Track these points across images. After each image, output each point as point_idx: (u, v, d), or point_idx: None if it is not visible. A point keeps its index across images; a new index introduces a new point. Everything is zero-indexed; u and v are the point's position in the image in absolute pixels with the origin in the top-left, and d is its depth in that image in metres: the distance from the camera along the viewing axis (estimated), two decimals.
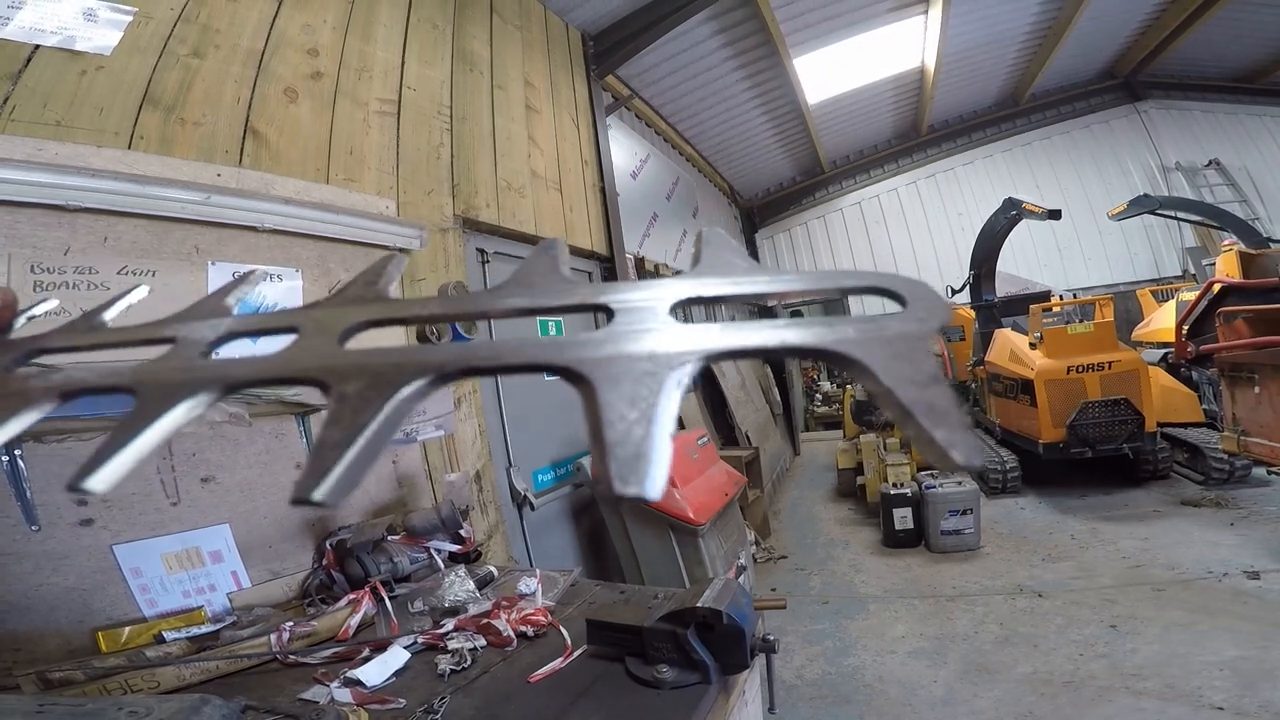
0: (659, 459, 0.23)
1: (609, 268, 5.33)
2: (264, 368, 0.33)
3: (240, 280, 0.44)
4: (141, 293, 0.49)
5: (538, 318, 0.35)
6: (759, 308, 8.36)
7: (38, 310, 0.48)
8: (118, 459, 0.28)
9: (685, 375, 0.27)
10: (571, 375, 0.27)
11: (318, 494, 0.25)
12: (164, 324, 0.38)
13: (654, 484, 0.23)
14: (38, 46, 1.91)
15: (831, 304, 10.43)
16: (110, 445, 0.29)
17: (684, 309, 0.32)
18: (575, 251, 4.93)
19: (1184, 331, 4.99)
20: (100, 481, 0.28)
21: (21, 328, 0.44)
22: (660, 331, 0.28)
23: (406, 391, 0.28)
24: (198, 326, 0.37)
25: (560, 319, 3.88)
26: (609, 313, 0.31)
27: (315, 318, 0.35)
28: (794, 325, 0.28)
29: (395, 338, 2.74)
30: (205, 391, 0.31)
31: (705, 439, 4.22)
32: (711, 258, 0.34)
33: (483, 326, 3.04)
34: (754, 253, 13.87)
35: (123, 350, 0.40)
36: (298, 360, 0.32)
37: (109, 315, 0.44)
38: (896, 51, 9.04)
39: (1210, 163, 11.12)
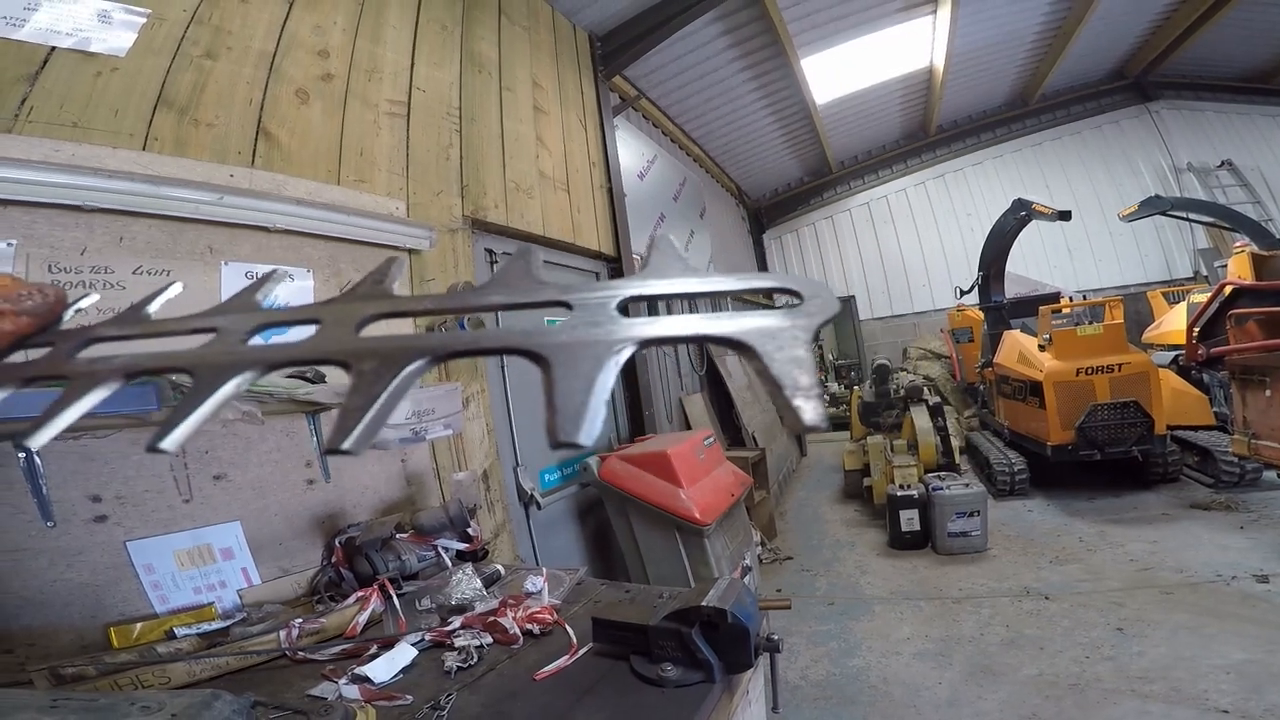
0: (593, 417, 0.30)
1: (616, 268, 5.34)
2: (298, 351, 0.40)
3: (265, 279, 0.51)
4: (177, 289, 0.56)
5: (543, 314, 0.43)
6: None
7: (84, 304, 0.54)
8: (185, 424, 0.36)
9: (622, 356, 0.34)
10: (534, 356, 0.34)
11: (346, 444, 0.32)
12: (205, 316, 0.45)
13: (588, 435, 0.30)
14: (54, 48, 1.93)
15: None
16: (179, 413, 0.36)
17: (631, 305, 0.38)
18: (582, 252, 4.94)
19: (1195, 334, 4.96)
20: (172, 443, 0.35)
21: (69, 320, 0.51)
22: (607, 324, 0.35)
23: (409, 369, 0.36)
24: (234, 318, 0.44)
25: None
26: (569, 308, 0.38)
27: (334, 311, 0.43)
28: (710, 318, 0.34)
29: (405, 328, 2.76)
30: (250, 370, 0.39)
31: (712, 439, 4.22)
32: (658, 262, 0.40)
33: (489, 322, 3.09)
34: (761, 253, 13.86)
35: (168, 339, 0.46)
36: (323, 346, 0.40)
37: (152, 309, 0.51)
38: (905, 51, 9.03)
39: (1223, 163, 11.03)
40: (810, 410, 0.30)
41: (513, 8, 4.46)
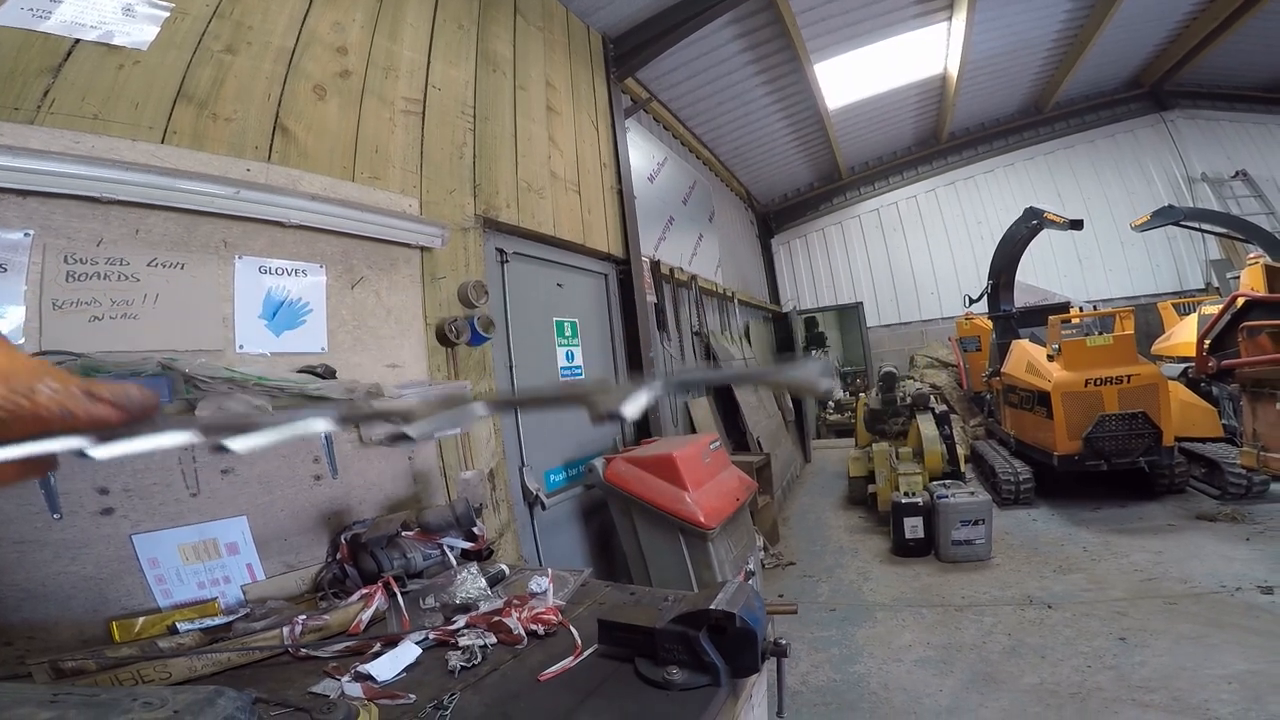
0: (634, 404, 0.46)
1: (625, 270, 5.33)
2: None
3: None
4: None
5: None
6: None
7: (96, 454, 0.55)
8: (260, 435, 0.48)
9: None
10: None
11: (411, 430, 0.51)
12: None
13: (630, 411, 0.49)
14: (78, 40, 1.95)
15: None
16: (256, 424, 0.48)
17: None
18: (592, 253, 4.94)
19: (1205, 346, 4.93)
20: (241, 445, 0.48)
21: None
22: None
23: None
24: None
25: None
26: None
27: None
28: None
29: (416, 336, 2.80)
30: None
31: (717, 444, 4.21)
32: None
33: (500, 327, 3.11)
34: (770, 259, 13.83)
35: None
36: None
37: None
38: (919, 58, 8.98)
39: (1237, 174, 10.95)
40: (819, 376, 0.52)
41: (528, 7, 4.47)
